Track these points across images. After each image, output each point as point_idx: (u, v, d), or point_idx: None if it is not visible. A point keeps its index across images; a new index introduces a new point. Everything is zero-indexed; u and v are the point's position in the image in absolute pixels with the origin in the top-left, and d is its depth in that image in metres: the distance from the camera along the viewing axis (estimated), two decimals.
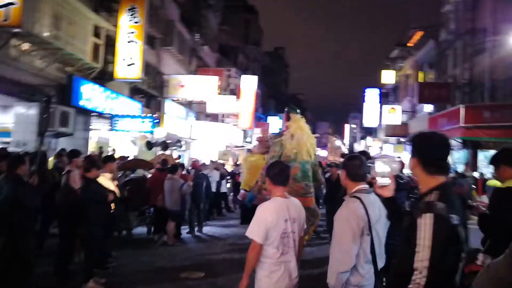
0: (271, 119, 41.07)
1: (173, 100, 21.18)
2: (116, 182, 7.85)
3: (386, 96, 42.63)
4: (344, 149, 76.12)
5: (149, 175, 11.19)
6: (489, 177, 13.45)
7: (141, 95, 19.13)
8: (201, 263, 8.07)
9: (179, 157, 18.23)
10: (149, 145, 14.82)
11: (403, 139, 31.04)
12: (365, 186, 3.18)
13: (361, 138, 58.33)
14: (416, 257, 2.12)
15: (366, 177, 3.22)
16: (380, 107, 39.15)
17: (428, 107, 26.69)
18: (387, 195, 2.52)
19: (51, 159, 10.41)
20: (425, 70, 30.08)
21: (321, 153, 56.45)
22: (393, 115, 33.38)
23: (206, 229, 11.52)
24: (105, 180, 7.06)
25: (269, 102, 47.65)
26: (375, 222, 3.02)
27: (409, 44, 35.55)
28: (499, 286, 1.73)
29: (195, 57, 26.69)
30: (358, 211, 3.01)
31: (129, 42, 15.06)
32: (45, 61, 11.75)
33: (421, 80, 29.49)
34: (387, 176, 2.42)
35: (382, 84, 41.60)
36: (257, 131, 32.47)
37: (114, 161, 8.24)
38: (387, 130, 32.34)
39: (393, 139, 34.46)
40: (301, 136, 7.15)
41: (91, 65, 13.35)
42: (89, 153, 13.44)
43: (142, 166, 11.59)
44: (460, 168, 17.54)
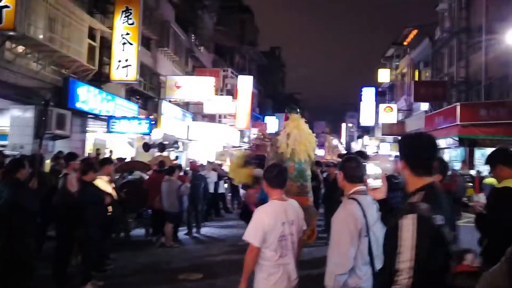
0: (268, 119, 41.06)
1: (169, 101, 21.16)
2: (113, 185, 7.83)
3: (383, 95, 42.71)
4: (341, 148, 76.21)
5: (146, 177, 11.17)
6: (486, 175, 13.48)
7: (137, 97, 19.13)
8: (199, 264, 8.05)
9: (177, 158, 18.19)
10: (146, 146, 14.78)
11: (400, 138, 31.13)
12: (362, 188, 3.16)
13: (358, 137, 58.40)
14: (399, 258, 2.13)
15: (363, 179, 3.23)
16: (377, 106, 39.23)
17: (425, 106, 26.76)
18: (379, 197, 2.52)
19: (48, 161, 10.39)
20: (421, 69, 30.17)
21: (319, 152, 56.42)
22: (390, 114, 33.47)
23: (204, 230, 11.51)
24: (102, 182, 7.05)
25: (266, 102, 47.63)
26: (372, 223, 3.01)
27: (405, 43, 35.63)
28: None
29: (191, 58, 26.66)
30: (355, 213, 3.00)
31: (124, 43, 15.05)
32: (41, 63, 11.73)
33: (417, 79, 29.57)
34: (379, 177, 2.41)
35: (378, 83, 41.68)
36: (254, 131, 32.47)
37: (111, 163, 8.21)
38: (384, 129, 32.35)
39: (390, 137, 34.51)
40: (298, 135, 7.15)
41: (87, 67, 13.32)
42: (86, 155, 13.43)
43: (140, 168, 11.57)
44: (457, 166, 17.59)
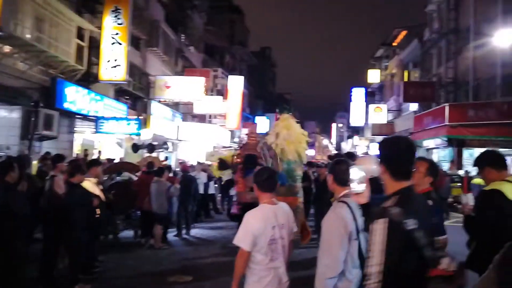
0: (258, 119, 41.05)
1: (159, 102, 21.06)
2: (101, 187, 7.73)
3: (373, 95, 42.89)
4: (332, 148, 76.45)
5: (135, 178, 11.07)
6: (474, 175, 13.56)
7: (126, 97, 18.99)
8: (188, 266, 7.98)
9: (166, 158, 18.09)
10: (135, 147, 14.67)
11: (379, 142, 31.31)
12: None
13: (348, 137, 58.60)
14: (368, 262, 2.14)
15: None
16: (367, 106, 39.39)
17: (414, 106, 26.92)
18: (362, 202, 2.51)
19: (35, 162, 10.27)
20: (410, 69, 30.34)
21: (309, 152, 56.49)
22: (379, 114, 33.65)
23: (194, 232, 11.43)
24: (90, 184, 6.96)
25: (256, 102, 47.62)
26: (362, 226, 2.99)
27: (394, 44, 35.81)
28: None
29: (181, 58, 26.57)
30: (345, 216, 2.98)
31: (113, 43, 14.95)
32: (28, 63, 11.60)
33: (406, 79, 29.73)
34: (363, 182, 2.39)
35: (368, 84, 41.85)
36: (245, 131, 32.43)
37: (99, 165, 8.11)
38: (374, 129, 32.55)
39: (380, 138, 34.65)
40: (287, 135, 7.12)
41: (75, 67, 13.20)
42: (74, 156, 13.29)
43: (128, 169, 11.45)
44: (445, 166, 17.71)
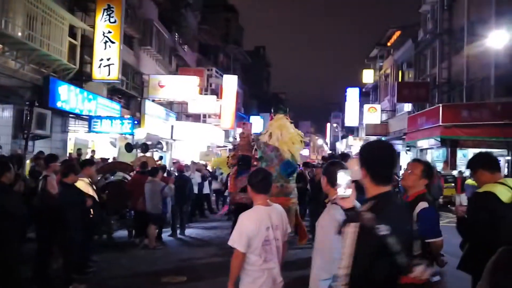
0: (253, 119, 41.02)
1: (153, 101, 20.97)
2: (94, 187, 7.67)
3: (367, 96, 42.98)
4: (326, 148, 76.56)
5: (129, 178, 11.00)
6: (467, 175, 13.61)
7: (119, 96, 18.91)
8: (183, 267, 7.95)
9: (161, 158, 18.03)
10: (129, 146, 14.58)
11: (383, 138, 31.31)
12: None
13: (342, 137, 58.60)
14: (338, 265, 2.16)
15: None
16: (361, 106, 39.44)
17: (408, 106, 26.99)
18: (347, 206, 2.48)
19: (27, 162, 10.19)
20: (404, 70, 30.42)
21: (303, 152, 56.53)
22: (373, 114, 33.69)
23: (188, 231, 11.39)
24: (83, 184, 6.91)
25: (251, 101, 47.58)
26: None
27: (388, 44, 35.90)
28: None
29: (175, 57, 26.51)
30: (339, 218, 2.95)
31: (106, 42, 14.86)
32: (20, 62, 11.52)
33: (400, 80, 29.80)
34: (348, 186, 2.37)
35: (363, 84, 41.91)
36: (239, 131, 32.36)
37: (92, 165, 8.05)
38: (368, 129, 32.58)
39: (374, 138, 34.74)
40: (280, 135, 7.10)
41: (68, 66, 13.11)
42: (67, 155, 13.22)
43: (122, 169, 11.38)
44: (439, 166, 17.76)
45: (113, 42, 14.90)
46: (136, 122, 16.54)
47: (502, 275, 1.95)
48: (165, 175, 11.29)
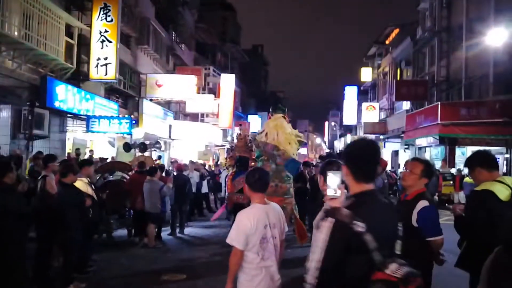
0: (251, 118, 40.98)
1: (150, 100, 20.95)
2: (93, 186, 7.66)
3: (365, 94, 42.97)
4: (325, 147, 76.58)
5: (127, 177, 10.99)
6: (466, 173, 13.62)
7: (117, 95, 18.88)
8: (182, 265, 7.96)
9: (160, 158, 18.01)
10: (127, 146, 14.55)
11: (382, 136, 31.31)
12: None
13: (340, 136, 58.62)
14: (310, 257, 2.19)
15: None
16: (359, 104, 39.44)
17: (406, 105, 26.98)
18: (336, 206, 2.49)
19: (26, 162, 10.18)
20: (403, 68, 30.40)
21: (302, 150, 56.52)
22: (372, 113, 33.70)
23: (187, 230, 11.39)
24: (82, 184, 6.91)
25: (249, 100, 47.56)
26: None
27: (387, 42, 35.87)
28: None
29: (172, 56, 26.49)
30: None
31: (103, 41, 14.83)
32: (17, 61, 11.51)
33: (398, 78, 29.79)
34: (337, 187, 2.38)
35: (361, 82, 41.87)
36: (237, 130, 32.33)
37: (91, 164, 8.04)
38: (366, 128, 32.49)
39: (372, 136, 34.69)
40: (276, 135, 7.08)
41: (65, 65, 13.08)
42: (66, 155, 13.21)
43: (121, 168, 11.37)
44: (438, 164, 17.77)
45: (110, 41, 14.87)
46: (134, 122, 16.52)
47: (500, 276, 1.94)
48: (163, 174, 11.29)
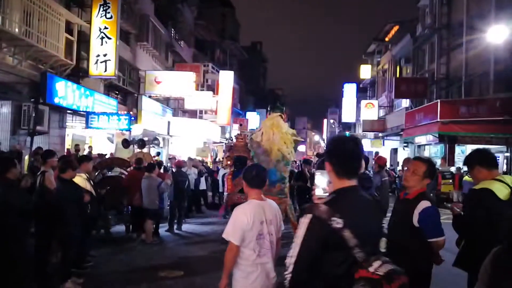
0: (249, 115, 40.95)
1: (149, 97, 20.93)
2: (91, 182, 7.67)
3: (364, 91, 42.88)
4: (323, 144, 76.60)
5: (126, 173, 11.00)
6: (465, 171, 13.64)
7: (116, 92, 18.87)
8: (179, 261, 7.99)
9: (158, 154, 18.01)
10: (125, 142, 14.56)
11: (381, 134, 31.30)
12: None
13: (339, 133, 58.65)
14: (288, 253, 2.19)
15: None
16: (358, 102, 39.37)
17: (406, 102, 26.93)
18: None
19: (26, 157, 10.20)
20: (402, 65, 30.33)
21: (300, 148, 56.50)
22: (371, 110, 33.61)
23: (185, 227, 11.43)
24: (81, 180, 6.92)
25: (247, 97, 47.54)
26: None
27: (386, 39, 35.78)
28: None
29: (171, 53, 26.44)
30: None
31: (102, 38, 14.82)
32: (17, 58, 11.52)
33: (398, 75, 29.73)
34: (325, 187, 2.39)
35: (360, 79, 41.79)
36: (236, 127, 32.33)
37: (90, 160, 8.05)
38: (365, 125, 32.42)
39: (371, 134, 34.71)
40: (272, 135, 7.08)
41: (65, 62, 13.10)
42: (65, 151, 13.23)
43: (119, 165, 11.39)
44: (437, 162, 17.77)
45: (109, 38, 14.85)
46: (133, 118, 16.53)
47: (500, 277, 1.94)
48: (161, 171, 11.30)
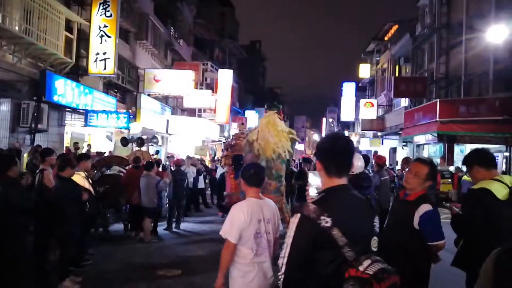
0: (248, 114, 40.94)
1: (148, 95, 20.94)
2: (90, 181, 7.67)
3: (363, 90, 42.85)
4: None
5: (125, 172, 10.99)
6: (465, 171, 13.61)
7: (115, 90, 18.88)
8: (178, 260, 7.98)
9: (157, 152, 18.02)
10: (124, 141, 14.57)
11: (379, 133, 31.29)
12: None
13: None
14: (281, 253, 2.19)
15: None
16: (357, 101, 39.35)
17: (405, 102, 26.92)
18: None
19: (25, 155, 10.20)
20: (402, 64, 30.29)
21: (299, 147, 56.54)
22: (370, 109, 33.59)
23: (183, 225, 11.42)
24: (79, 178, 6.91)
25: (246, 96, 47.52)
26: None
27: (386, 38, 35.75)
28: None
29: (170, 51, 26.44)
30: None
31: (102, 36, 14.83)
32: (17, 56, 11.55)
33: (397, 74, 29.71)
34: (319, 187, 2.39)
35: (359, 78, 41.74)
36: (234, 125, 32.33)
37: (88, 159, 8.05)
38: (364, 124, 32.44)
39: (370, 133, 34.71)
40: (267, 133, 7.08)
41: (64, 60, 13.10)
42: (64, 148, 13.23)
43: (117, 163, 11.38)
44: (436, 162, 17.78)
45: (109, 36, 14.86)
46: (131, 116, 16.53)
47: (502, 278, 1.92)
48: (160, 169, 11.30)
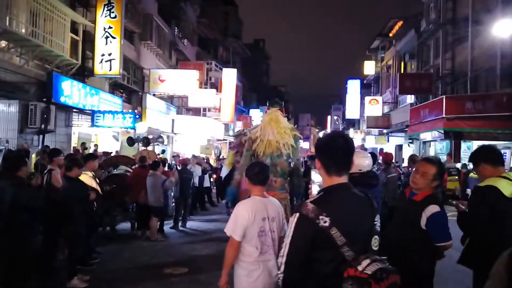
0: (253, 112, 40.94)
1: (154, 95, 21.02)
2: (97, 180, 7.74)
3: (368, 87, 42.62)
4: None
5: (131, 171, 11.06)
6: (471, 168, 13.52)
7: (121, 91, 18.98)
8: (184, 258, 8.01)
9: (163, 152, 18.09)
10: (130, 140, 14.66)
11: (385, 131, 31.11)
12: None
13: (343, 130, 58.44)
14: (280, 253, 2.20)
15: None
16: (362, 98, 39.15)
17: (411, 98, 26.73)
18: None
19: (33, 156, 10.29)
20: (407, 61, 30.05)
21: (304, 145, 56.47)
22: (375, 107, 33.35)
23: (189, 224, 11.47)
24: (87, 178, 6.98)
25: (250, 95, 47.54)
26: None
27: (390, 35, 35.51)
28: None
29: (174, 51, 26.51)
30: None
31: (107, 37, 14.93)
32: (24, 58, 11.69)
33: (402, 71, 29.50)
34: (321, 185, 2.42)
35: (364, 75, 41.46)
36: (239, 124, 32.36)
37: (96, 158, 8.12)
38: (369, 122, 32.08)
39: (375, 130, 34.50)
40: (270, 129, 7.09)
41: (70, 61, 13.23)
42: (72, 149, 13.34)
43: (124, 163, 11.46)
44: (442, 159, 17.66)
45: (114, 37, 14.96)
46: (137, 116, 16.62)
47: None
48: (166, 168, 11.36)
